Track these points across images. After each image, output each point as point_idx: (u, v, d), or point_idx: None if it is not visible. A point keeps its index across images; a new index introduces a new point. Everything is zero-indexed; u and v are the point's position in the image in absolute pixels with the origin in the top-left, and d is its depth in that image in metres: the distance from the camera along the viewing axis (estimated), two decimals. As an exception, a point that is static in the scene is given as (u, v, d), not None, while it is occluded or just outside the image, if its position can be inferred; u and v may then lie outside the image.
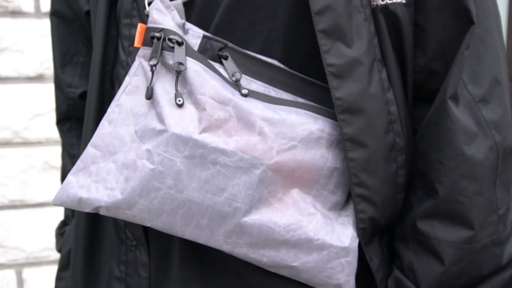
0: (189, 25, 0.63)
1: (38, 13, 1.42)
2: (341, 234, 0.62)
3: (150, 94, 0.59)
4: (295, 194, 0.62)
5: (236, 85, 0.61)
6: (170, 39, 0.59)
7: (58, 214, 1.36)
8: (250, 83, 0.62)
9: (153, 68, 0.59)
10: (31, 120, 1.44)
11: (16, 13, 1.40)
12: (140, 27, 0.61)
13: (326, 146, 0.61)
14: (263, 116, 0.59)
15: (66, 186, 0.61)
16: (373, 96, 0.60)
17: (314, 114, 0.62)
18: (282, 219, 0.60)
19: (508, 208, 0.64)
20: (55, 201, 0.62)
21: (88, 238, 0.74)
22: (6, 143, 1.44)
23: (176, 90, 0.58)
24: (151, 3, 0.62)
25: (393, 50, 0.62)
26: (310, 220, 0.61)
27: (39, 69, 1.43)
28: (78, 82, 0.87)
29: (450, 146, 0.61)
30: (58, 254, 0.95)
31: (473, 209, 0.62)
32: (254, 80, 0.62)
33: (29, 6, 1.41)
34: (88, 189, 0.60)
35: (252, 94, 0.61)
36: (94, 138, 0.61)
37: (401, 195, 0.66)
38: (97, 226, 0.74)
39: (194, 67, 0.59)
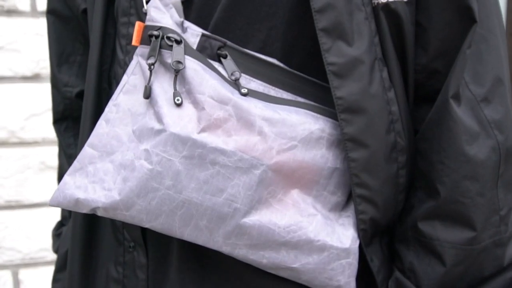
0: (187, 23, 0.62)
1: (34, 12, 1.41)
2: (341, 235, 0.62)
3: (148, 93, 0.58)
4: (295, 195, 0.61)
5: (235, 84, 0.60)
6: (168, 38, 0.58)
7: (55, 214, 1.34)
8: (249, 82, 0.61)
9: (151, 67, 0.58)
10: (27, 120, 1.44)
11: (12, 12, 1.39)
12: (138, 25, 0.60)
13: (327, 146, 0.61)
14: (263, 115, 0.58)
15: (63, 187, 0.60)
16: (374, 95, 0.60)
17: (315, 114, 0.61)
18: (282, 220, 0.60)
19: (510, 209, 0.64)
20: (52, 201, 0.61)
21: (85, 239, 0.73)
22: (2, 143, 1.43)
23: (174, 89, 0.58)
24: (149, 1, 0.62)
25: (394, 49, 0.62)
26: (310, 221, 0.61)
27: (35, 68, 1.42)
28: (75, 82, 0.87)
29: (452, 146, 0.61)
30: (54, 255, 0.94)
31: (474, 210, 0.61)
32: (254, 79, 0.62)
33: (25, 5, 1.40)
34: (85, 189, 0.59)
35: (251, 94, 0.60)
36: (91, 138, 0.61)
37: (402, 196, 0.66)
38: (94, 227, 0.74)
39: (193, 66, 0.58)
